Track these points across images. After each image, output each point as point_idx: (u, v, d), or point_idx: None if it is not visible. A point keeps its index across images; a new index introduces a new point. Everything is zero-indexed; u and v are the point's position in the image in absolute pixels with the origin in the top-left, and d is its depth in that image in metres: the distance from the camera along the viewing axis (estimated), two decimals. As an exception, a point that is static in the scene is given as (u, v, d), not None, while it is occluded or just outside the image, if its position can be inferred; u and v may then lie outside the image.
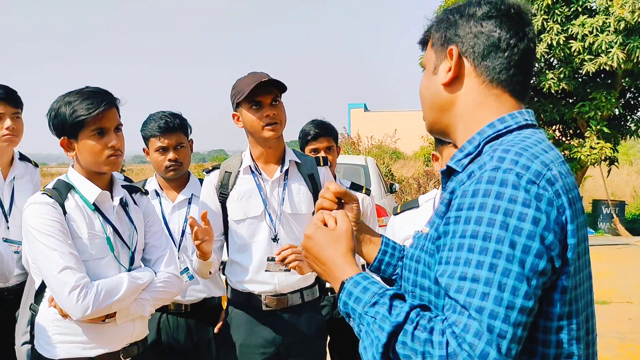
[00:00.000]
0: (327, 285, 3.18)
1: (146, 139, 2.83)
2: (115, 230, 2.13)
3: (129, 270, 2.14)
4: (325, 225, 1.31)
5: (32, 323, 2.14)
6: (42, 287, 2.10)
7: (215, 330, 2.86)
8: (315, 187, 2.57)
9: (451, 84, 1.25)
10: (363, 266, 1.52)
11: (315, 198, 2.55)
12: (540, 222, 1.03)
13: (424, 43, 1.36)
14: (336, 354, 3.30)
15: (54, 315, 2.05)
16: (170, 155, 2.79)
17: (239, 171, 2.54)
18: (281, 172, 2.52)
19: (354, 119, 33.12)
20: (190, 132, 2.93)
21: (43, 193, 2.06)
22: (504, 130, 1.19)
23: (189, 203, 2.88)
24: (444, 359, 1.00)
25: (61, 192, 2.08)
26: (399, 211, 2.42)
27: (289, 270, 2.39)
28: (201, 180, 2.94)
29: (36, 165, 3.20)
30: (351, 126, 29.82)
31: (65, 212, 2.04)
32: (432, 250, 1.17)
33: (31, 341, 2.13)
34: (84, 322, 2.01)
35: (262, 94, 2.40)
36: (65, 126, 2.04)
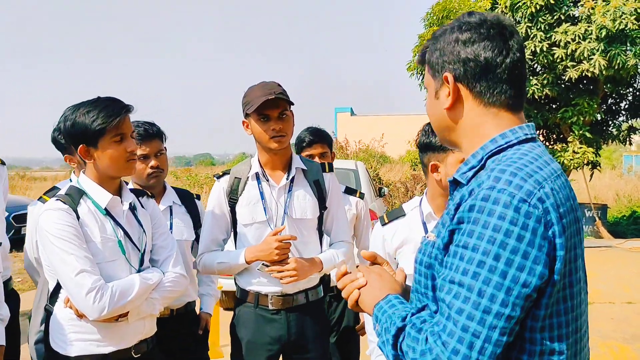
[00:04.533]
0: (332, 284, 3.27)
1: None
2: (125, 233, 2.23)
3: (139, 270, 2.24)
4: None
5: (46, 322, 2.23)
6: (57, 288, 2.19)
7: (200, 331, 3.00)
8: (320, 193, 2.69)
9: (452, 108, 1.36)
10: None
11: (321, 203, 2.69)
12: (524, 238, 1.14)
13: (422, 63, 1.46)
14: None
15: (69, 314, 2.15)
16: (152, 162, 2.83)
17: (247, 177, 2.66)
18: (287, 179, 2.64)
19: (340, 123, 33.21)
20: (165, 140, 2.95)
21: (57, 199, 2.15)
22: (505, 145, 1.29)
23: (171, 214, 2.92)
24: (424, 352, 1.17)
25: (74, 198, 2.17)
26: (386, 221, 2.44)
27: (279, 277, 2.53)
28: (175, 189, 3.05)
29: (3, 163, 3.17)
30: (338, 130, 29.96)
31: (78, 217, 2.13)
32: (442, 258, 1.27)
33: (45, 339, 2.23)
34: (99, 321, 2.11)
35: (270, 108, 2.52)
36: (86, 134, 2.12)
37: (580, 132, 11.47)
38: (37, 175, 29.58)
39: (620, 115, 13.27)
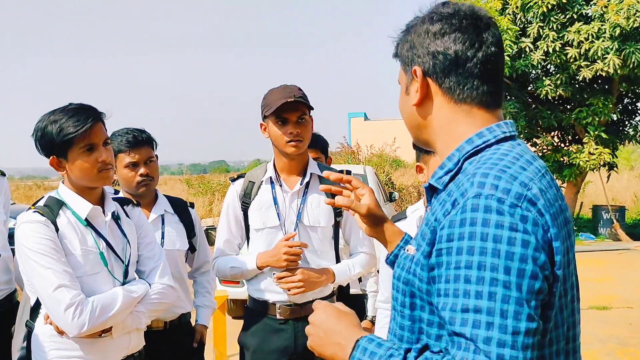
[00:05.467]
0: (352, 291, 3.18)
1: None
2: (108, 244, 2.14)
3: (123, 283, 2.15)
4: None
5: (28, 339, 2.15)
6: (38, 303, 2.11)
7: (194, 344, 2.90)
8: None
9: (421, 105, 1.27)
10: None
11: (336, 211, 2.60)
12: (530, 244, 1.04)
13: (397, 56, 1.37)
14: None
15: (50, 331, 2.06)
16: (142, 170, 2.74)
17: (261, 181, 2.61)
18: (301, 184, 2.58)
19: (354, 128, 33.21)
20: (156, 148, 2.87)
21: (35, 211, 2.06)
22: (483, 145, 1.20)
23: (163, 223, 2.83)
24: None
25: (52, 209, 2.08)
26: None
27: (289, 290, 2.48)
28: (168, 197, 2.97)
29: (3, 174, 3.09)
30: (351, 135, 29.88)
31: (57, 229, 2.04)
32: (422, 275, 1.17)
33: (27, 357, 2.15)
34: (81, 337, 2.02)
35: (288, 111, 2.46)
36: (53, 145, 2.04)
37: (596, 132, 11.28)
38: (54, 185, 29.84)
39: (637, 114, 13.06)
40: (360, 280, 3.79)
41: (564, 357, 1.16)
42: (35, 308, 2.12)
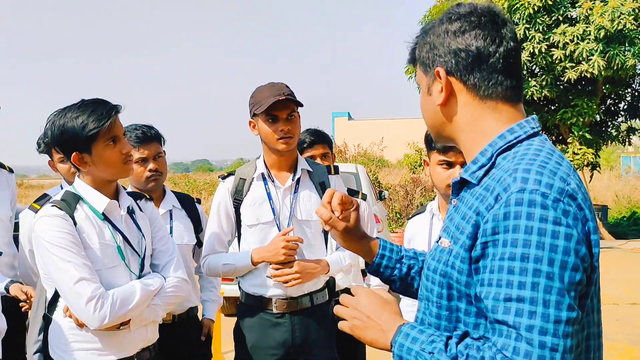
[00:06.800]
0: (337, 289, 3.25)
1: None
2: (124, 238, 2.16)
3: (139, 276, 2.17)
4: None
5: (44, 331, 2.16)
6: (55, 297, 2.12)
7: (202, 338, 2.94)
8: None
9: (446, 104, 1.29)
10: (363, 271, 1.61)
11: None
12: (573, 237, 1.09)
13: (413, 62, 1.40)
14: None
15: (68, 323, 2.07)
16: (151, 165, 2.78)
17: (252, 178, 2.64)
18: (293, 180, 2.62)
19: (337, 127, 33.27)
20: (164, 144, 2.92)
21: (52, 205, 2.07)
22: (515, 141, 1.23)
23: (171, 218, 2.87)
24: None
25: (70, 203, 2.09)
26: (410, 216, 2.70)
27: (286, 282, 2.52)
28: (175, 193, 3.02)
29: (11, 170, 3.05)
30: (335, 135, 29.99)
31: (75, 223, 2.05)
32: (461, 268, 1.20)
33: (44, 349, 2.16)
34: (100, 330, 2.04)
35: (278, 109, 2.50)
36: (77, 141, 2.03)
37: (580, 133, 11.46)
38: (34, 183, 29.41)
39: (619, 115, 13.28)
40: (364, 274, 3.84)
41: (594, 340, 1.20)
42: (53, 301, 2.13)
